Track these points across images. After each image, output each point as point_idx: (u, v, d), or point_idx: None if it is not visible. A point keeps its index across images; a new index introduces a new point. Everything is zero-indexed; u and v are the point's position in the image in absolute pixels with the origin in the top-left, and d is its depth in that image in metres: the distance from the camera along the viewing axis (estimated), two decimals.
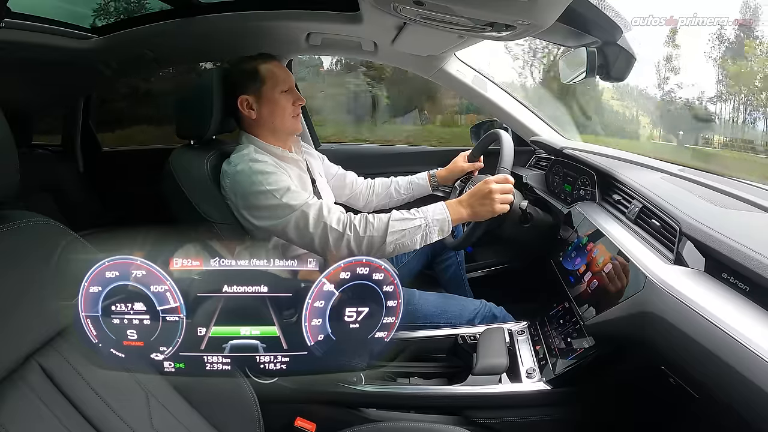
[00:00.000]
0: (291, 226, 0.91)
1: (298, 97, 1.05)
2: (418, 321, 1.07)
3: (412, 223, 0.91)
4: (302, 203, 0.91)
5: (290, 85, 1.04)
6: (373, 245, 0.89)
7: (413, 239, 0.91)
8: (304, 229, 0.90)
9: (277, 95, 1.01)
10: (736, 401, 0.52)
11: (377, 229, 0.89)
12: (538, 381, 0.88)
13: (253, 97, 1.01)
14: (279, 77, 1.02)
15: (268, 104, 1.01)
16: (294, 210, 0.90)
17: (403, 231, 0.90)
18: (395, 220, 0.90)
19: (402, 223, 0.90)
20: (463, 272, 1.39)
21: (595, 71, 1.09)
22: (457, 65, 1.44)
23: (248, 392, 0.72)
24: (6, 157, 0.55)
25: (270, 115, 1.02)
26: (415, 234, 0.91)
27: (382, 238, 0.89)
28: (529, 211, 1.14)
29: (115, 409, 0.56)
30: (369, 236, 0.89)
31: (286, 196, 0.91)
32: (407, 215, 0.92)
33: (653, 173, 1.04)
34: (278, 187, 0.92)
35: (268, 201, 0.91)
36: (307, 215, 0.90)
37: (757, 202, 0.77)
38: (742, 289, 0.59)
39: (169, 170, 0.97)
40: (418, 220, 0.91)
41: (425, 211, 0.93)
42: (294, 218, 0.90)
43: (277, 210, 0.91)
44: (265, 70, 1.01)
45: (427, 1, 0.68)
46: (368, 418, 0.89)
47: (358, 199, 1.32)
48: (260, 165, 0.94)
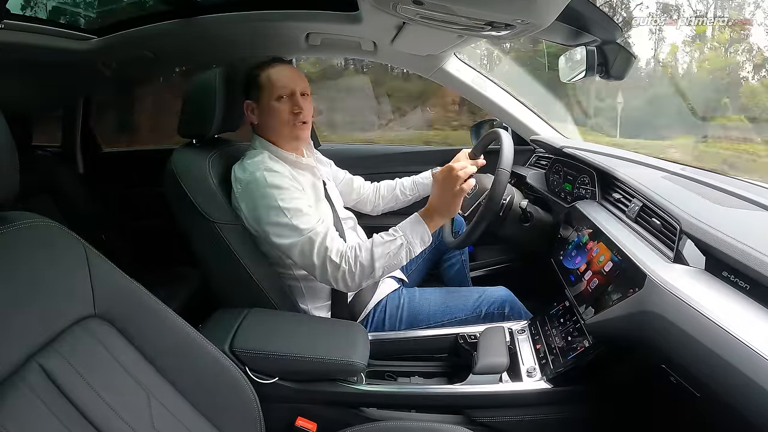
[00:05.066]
0: (296, 250, 0.92)
1: (296, 105, 1.01)
2: (421, 323, 1.07)
3: (393, 244, 0.93)
4: (310, 228, 0.92)
5: (289, 91, 1.01)
6: (364, 273, 0.92)
7: (398, 258, 0.93)
8: (308, 255, 0.92)
9: (272, 103, 1.01)
10: (736, 399, 0.52)
11: (365, 258, 0.92)
12: (538, 380, 0.88)
13: (254, 104, 1.02)
14: (276, 84, 1.00)
15: (264, 111, 1.02)
16: (302, 235, 0.92)
17: (386, 254, 0.92)
18: (377, 245, 0.92)
19: (384, 247, 0.92)
20: (467, 270, 1.40)
21: (594, 70, 1.09)
22: (456, 65, 1.44)
23: (249, 392, 0.73)
24: (6, 158, 0.55)
25: (269, 122, 1.02)
26: (399, 253, 0.93)
27: (371, 266, 0.91)
28: (530, 210, 1.14)
29: (116, 410, 0.56)
30: (360, 265, 0.91)
31: (296, 218, 0.92)
32: (387, 237, 0.94)
33: (653, 171, 1.04)
34: (290, 206, 0.92)
35: (278, 218, 0.92)
36: (314, 243, 0.91)
37: (757, 200, 0.77)
38: (743, 288, 0.59)
39: (171, 169, 0.97)
40: (399, 239, 0.93)
41: (403, 228, 0.95)
42: (300, 243, 0.92)
43: (285, 230, 0.92)
44: (263, 77, 1.01)
45: (427, 1, 0.68)
46: (369, 418, 0.89)
47: (365, 204, 1.32)
48: (276, 178, 0.94)
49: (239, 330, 0.89)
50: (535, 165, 1.53)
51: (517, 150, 1.08)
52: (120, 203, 1.76)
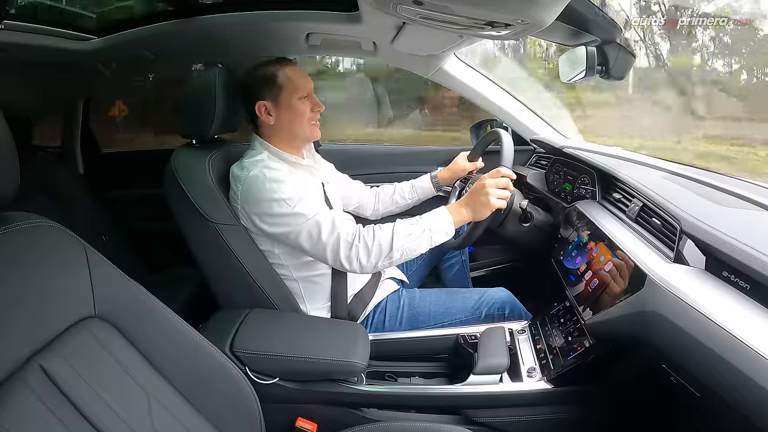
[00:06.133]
0: (304, 234, 0.92)
1: (317, 103, 1.04)
2: (421, 324, 1.07)
3: (417, 227, 0.93)
4: (315, 213, 0.92)
5: (308, 90, 1.03)
6: (381, 253, 0.92)
7: (418, 243, 0.93)
8: (317, 238, 0.92)
9: (294, 101, 1.01)
10: (736, 399, 0.52)
11: (384, 237, 0.92)
12: (539, 380, 0.88)
13: (271, 103, 1.01)
14: (297, 83, 1.01)
15: (286, 111, 1.01)
16: (307, 219, 0.91)
17: (408, 234, 0.92)
18: (399, 225, 0.93)
19: (406, 228, 0.93)
20: (467, 271, 1.40)
21: (594, 70, 1.09)
22: (456, 64, 1.44)
23: (249, 393, 0.72)
24: (6, 158, 0.55)
25: (288, 121, 1.02)
26: (419, 238, 0.93)
27: (390, 246, 0.91)
28: (530, 210, 1.14)
29: (117, 411, 0.56)
30: (377, 244, 0.91)
31: (300, 205, 0.92)
32: (410, 221, 0.94)
33: (654, 171, 1.04)
34: (292, 195, 0.92)
35: (281, 209, 0.92)
36: (320, 224, 0.91)
37: (757, 200, 0.77)
38: (743, 288, 0.59)
39: (171, 170, 0.97)
40: (423, 224, 0.94)
41: (428, 217, 0.95)
42: (307, 227, 0.92)
43: (290, 218, 0.92)
44: (282, 76, 1.01)
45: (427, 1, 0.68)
46: (369, 418, 0.89)
47: (365, 208, 1.32)
48: (274, 172, 0.94)
49: (239, 330, 0.89)
50: (535, 165, 1.53)
51: (517, 150, 1.08)
52: (120, 204, 1.77)
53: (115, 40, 1.29)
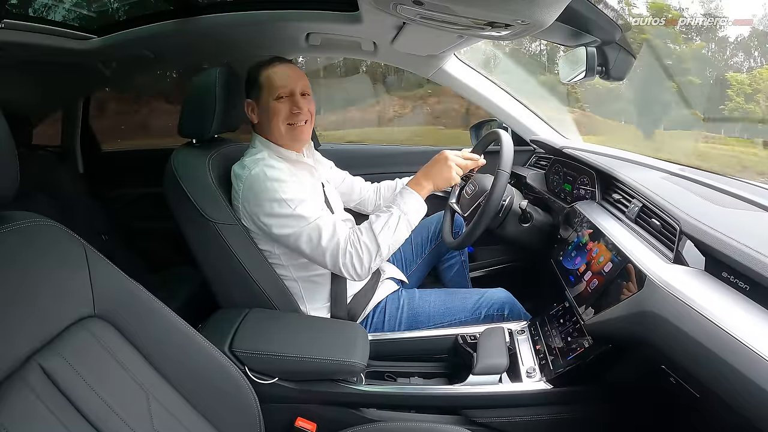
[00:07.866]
0: (304, 238, 0.92)
1: (295, 105, 1.00)
2: (421, 325, 1.07)
3: (391, 218, 0.94)
4: (317, 216, 0.92)
5: (288, 91, 1.00)
6: (371, 254, 0.93)
7: (400, 232, 0.95)
8: (317, 242, 0.92)
9: (271, 102, 1.00)
10: (736, 400, 0.52)
11: (367, 238, 0.93)
12: (538, 380, 0.88)
13: (254, 103, 1.02)
14: (275, 84, 0.99)
15: (264, 111, 1.01)
16: (309, 222, 0.92)
17: (387, 227, 0.94)
18: (374, 222, 0.94)
19: (382, 222, 0.94)
20: (466, 271, 1.40)
21: (594, 71, 1.09)
22: (456, 65, 1.44)
23: (249, 392, 0.73)
24: (6, 157, 0.55)
25: (267, 122, 1.01)
26: (398, 226, 0.94)
27: (375, 244, 0.92)
28: (529, 211, 1.14)
29: (116, 410, 0.56)
30: (365, 246, 0.92)
31: (301, 207, 0.92)
32: (382, 214, 0.96)
33: (653, 172, 1.04)
34: (293, 196, 0.92)
35: (282, 210, 0.92)
36: (321, 229, 0.92)
37: (757, 201, 0.77)
38: (743, 288, 0.59)
39: (171, 169, 0.97)
40: (394, 212, 0.95)
41: (395, 202, 0.97)
42: (308, 230, 0.92)
43: (291, 220, 0.92)
44: (263, 77, 1.00)
45: (427, 1, 0.68)
46: (369, 418, 0.89)
47: (366, 205, 1.32)
48: (276, 172, 0.94)
49: (239, 330, 0.89)
50: (534, 165, 1.53)
51: (517, 150, 1.08)
52: (119, 203, 1.77)
53: (114, 39, 1.29)
